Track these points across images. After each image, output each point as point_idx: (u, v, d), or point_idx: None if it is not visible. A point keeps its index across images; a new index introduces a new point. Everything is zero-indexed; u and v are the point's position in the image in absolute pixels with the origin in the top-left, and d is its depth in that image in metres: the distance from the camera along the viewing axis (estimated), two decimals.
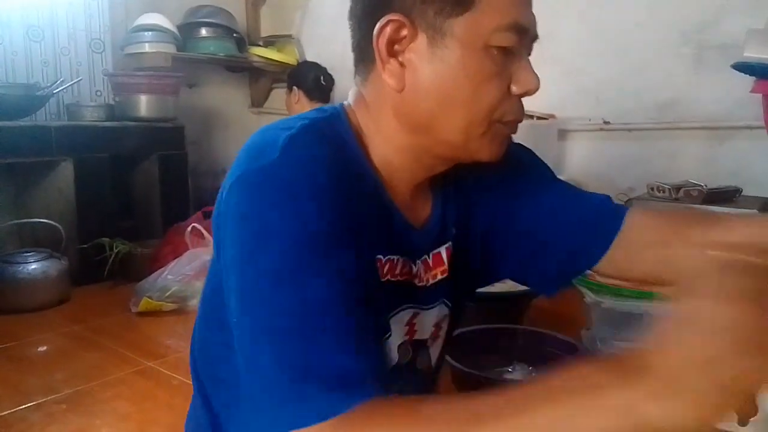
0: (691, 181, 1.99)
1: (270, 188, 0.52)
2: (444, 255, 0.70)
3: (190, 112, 2.94)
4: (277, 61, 3.15)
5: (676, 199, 1.93)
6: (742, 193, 1.96)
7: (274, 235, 0.51)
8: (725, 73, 1.77)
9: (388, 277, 0.62)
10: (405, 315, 0.66)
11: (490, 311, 1.59)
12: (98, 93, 2.68)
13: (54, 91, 2.33)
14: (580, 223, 0.71)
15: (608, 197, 0.74)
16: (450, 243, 0.71)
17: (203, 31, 2.91)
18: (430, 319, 0.71)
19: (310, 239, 0.51)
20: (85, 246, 2.24)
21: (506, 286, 1.74)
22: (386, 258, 0.62)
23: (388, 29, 0.57)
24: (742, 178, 2.01)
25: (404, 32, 0.58)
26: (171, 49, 2.72)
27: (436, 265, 0.69)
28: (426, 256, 0.68)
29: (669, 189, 1.96)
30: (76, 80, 2.50)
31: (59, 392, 1.42)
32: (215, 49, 2.91)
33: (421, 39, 0.57)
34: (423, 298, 0.68)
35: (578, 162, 2.40)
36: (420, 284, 0.68)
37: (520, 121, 0.63)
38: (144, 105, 2.53)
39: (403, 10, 0.57)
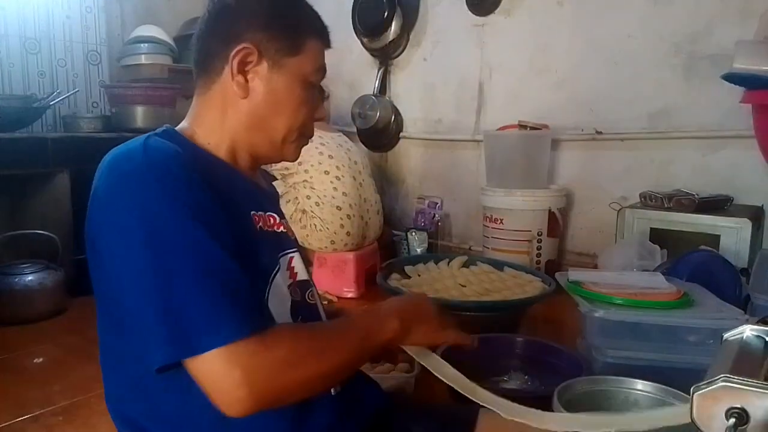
0: (683, 189, 2.02)
1: (146, 172, 0.67)
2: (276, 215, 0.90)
3: None
4: None
5: (669, 208, 1.95)
6: (734, 202, 1.99)
7: (155, 209, 0.65)
8: (716, 84, 1.80)
9: (262, 226, 0.82)
10: (285, 259, 0.85)
11: (486, 320, 1.60)
12: (95, 104, 2.69)
13: (51, 103, 2.35)
14: None
15: None
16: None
17: None
18: (300, 262, 0.88)
19: (189, 207, 0.66)
20: (82, 257, 2.23)
21: (501, 295, 1.76)
22: (257, 213, 0.82)
23: (242, 53, 0.79)
24: (733, 186, 2.03)
25: (252, 57, 0.80)
26: (167, 60, 2.74)
27: (274, 220, 0.89)
28: (270, 212, 0.87)
29: (661, 198, 1.98)
30: (72, 92, 2.51)
31: (56, 404, 1.42)
32: None
33: (264, 65, 0.81)
34: (287, 244, 0.88)
35: (571, 171, 2.43)
36: (279, 231, 0.87)
37: (312, 137, 0.90)
38: (140, 116, 2.54)
39: (254, 42, 0.79)
